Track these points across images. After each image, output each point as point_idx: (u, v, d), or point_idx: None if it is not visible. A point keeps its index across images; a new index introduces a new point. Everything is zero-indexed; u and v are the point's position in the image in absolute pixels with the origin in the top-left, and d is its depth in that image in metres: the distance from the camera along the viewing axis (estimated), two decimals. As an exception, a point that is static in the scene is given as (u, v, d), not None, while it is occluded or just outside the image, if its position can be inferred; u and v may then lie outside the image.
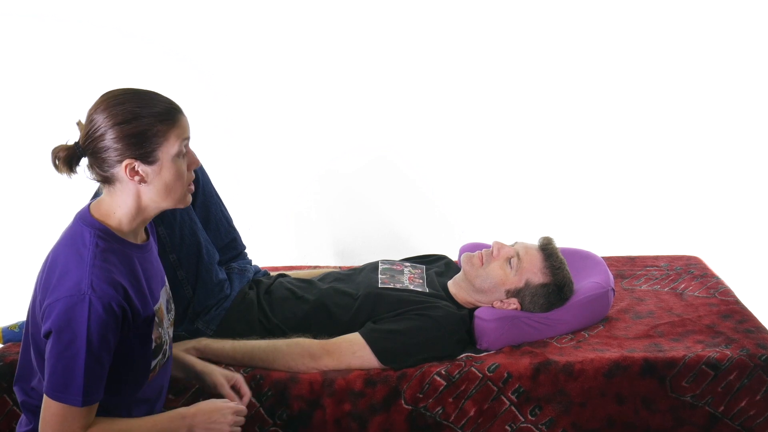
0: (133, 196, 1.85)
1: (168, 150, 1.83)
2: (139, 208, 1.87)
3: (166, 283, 2.02)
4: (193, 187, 1.92)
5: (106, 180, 1.85)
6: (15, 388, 1.96)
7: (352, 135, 4.14)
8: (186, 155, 1.87)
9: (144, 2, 4.04)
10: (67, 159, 1.85)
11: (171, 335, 2.03)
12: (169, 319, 2.01)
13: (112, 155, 1.81)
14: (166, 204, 1.88)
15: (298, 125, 4.14)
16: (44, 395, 1.80)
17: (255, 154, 4.15)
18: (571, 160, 4.16)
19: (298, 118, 4.14)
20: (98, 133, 1.81)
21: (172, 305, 2.06)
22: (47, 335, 1.79)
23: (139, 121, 1.80)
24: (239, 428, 1.99)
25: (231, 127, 4.13)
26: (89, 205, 1.91)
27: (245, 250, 2.73)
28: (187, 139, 1.86)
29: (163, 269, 2.04)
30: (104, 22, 4.04)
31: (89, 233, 1.83)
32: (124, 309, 1.79)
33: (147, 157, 1.82)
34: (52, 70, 4.06)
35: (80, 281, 1.76)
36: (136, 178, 1.83)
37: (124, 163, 1.81)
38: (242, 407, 2.00)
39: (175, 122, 1.83)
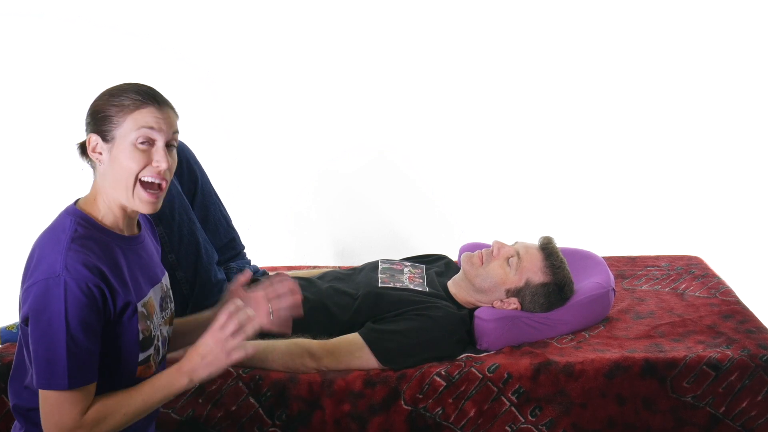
0: (103, 181, 1.87)
1: (123, 134, 1.82)
2: (108, 196, 1.87)
3: (162, 282, 2.00)
4: (151, 197, 1.84)
5: (91, 161, 1.89)
6: (9, 390, 1.94)
7: (352, 135, 4.14)
8: (154, 150, 1.84)
9: (144, 2, 4.04)
10: (80, 146, 1.91)
11: (166, 334, 2.01)
12: (163, 317, 1.99)
13: (86, 131, 1.87)
14: (117, 194, 1.85)
15: (297, 125, 4.13)
16: (38, 389, 1.80)
17: (254, 154, 4.15)
18: (571, 160, 4.16)
19: (297, 118, 4.14)
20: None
21: (169, 304, 2.04)
22: (26, 321, 1.79)
23: (106, 99, 1.84)
24: (243, 335, 1.85)
25: (230, 127, 4.13)
26: (77, 199, 1.92)
27: (244, 250, 2.73)
28: (150, 129, 1.82)
29: (160, 267, 2.02)
30: (104, 21, 4.04)
31: (70, 221, 1.84)
32: (102, 290, 1.78)
33: (105, 135, 1.84)
34: (52, 69, 4.05)
35: (55, 263, 1.76)
36: (95, 155, 1.85)
37: (88, 136, 1.85)
38: (221, 317, 1.85)
39: (136, 108, 1.82)
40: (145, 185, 1.84)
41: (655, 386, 2.35)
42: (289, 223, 4.16)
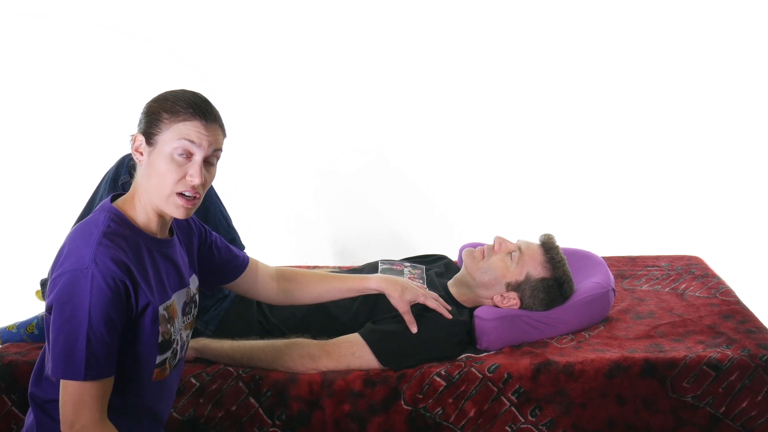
0: (141, 181, 1.88)
1: (165, 140, 1.83)
2: (145, 197, 1.88)
3: (190, 286, 2.01)
4: (186, 203, 1.85)
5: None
6: (31, 377, 1.94)
7: (352, 135, 4.14)
8: (190, 163, 1.85)
9: (145, 2, 4.04)
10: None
11: (185, 338, 2.02)
12: (184, 321, 1.99)
13: (137, 128, 1.89)
14: (154, 198, 1.86)
15: (297, 125, 4.14)
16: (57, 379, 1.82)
17: (254, 154, 4.15)
18: (572, 160, 4.16)
19: (297, 118, 4.14)
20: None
21: (193, 309, 2.04)
22: (50, 309, 1.80)
23: (161, 102, 1.86)
24: None
25: (230, 127, 4.12)
26: (112, 195, 1.94)
27: (244, 250, 2.72)
28: (190, 142, 1.84)
29: (188, 272, 2.02)
30: (105, 21, 4.04)
31: (104, 216, 1.86)
32: (127, 286, 1.80)
33: (149, 138, 1.85)
34: (53, 69, 4.05)
35: (85, 256, 1.78)
36: (137, 154, 1.87)
37: (135, 134, 1.87)
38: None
39: (182, 119, 1.83)
40: (179, 194, 1.86)
41: (655, 386, 2.35)
42: (289, 223, 4.16)
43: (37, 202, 3.96)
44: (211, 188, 2.63)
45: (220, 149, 1.89)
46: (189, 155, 1.84)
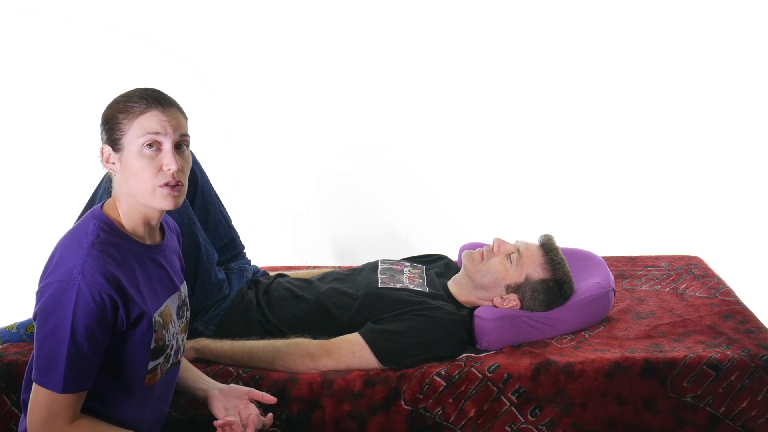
0: (120, 188, 1.87)
1: (131, 139, 1.82)
2: (128, 203, 1.86)
3: (181, 290, 2.00)
4: (173, 192, 1.84)
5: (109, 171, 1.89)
6: (24, 383, 1.94)
7: (351, 134, 4.13)
8: (162, 154, 1.83)
9: (145, 2, 4.04)
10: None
11: (180, 342, 2.01)
12: (179, 325, 1.99)
13: (101, 141, 1.87)
14: (140, 198, 1.84)
15: (296, 125, 4.13)
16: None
17: (254, 154, 4.15)
18: (571, 160, 4.15)
19: (296, 118, 4.14)
20: None
21: (186, 312, 2.04)
22: (36, 317, 1.80)
23: (113, 107, 1.85)
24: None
25: (230, 128, 4.13)
26: (103, 202, 1.93)
27: (244, 250, 2.73)
28: (156, 134, 1.82)
29: (179, 276, 2.02)
30: (105, 22, 4.04)
31: (93, 225, 1.84)
32: (115, 300, 1.78)
33: (115, 144, 1.84)
34: (53, 69, 4.05)
35: (73, 268, 1.77)
36: (109, 165, 1.86)
37: (101, 147, 1.86)
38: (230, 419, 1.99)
39: (141, 113, 1.82)
40: (162, 185, 1.84)
41: (655, 386, 2.35)
42: (288, 223, 4.16)
43: (37, 202, 3.96)
44: (212, 189, 2.63)
45: (186, 134, 1.87)
46: (158, 146, 1.83)
